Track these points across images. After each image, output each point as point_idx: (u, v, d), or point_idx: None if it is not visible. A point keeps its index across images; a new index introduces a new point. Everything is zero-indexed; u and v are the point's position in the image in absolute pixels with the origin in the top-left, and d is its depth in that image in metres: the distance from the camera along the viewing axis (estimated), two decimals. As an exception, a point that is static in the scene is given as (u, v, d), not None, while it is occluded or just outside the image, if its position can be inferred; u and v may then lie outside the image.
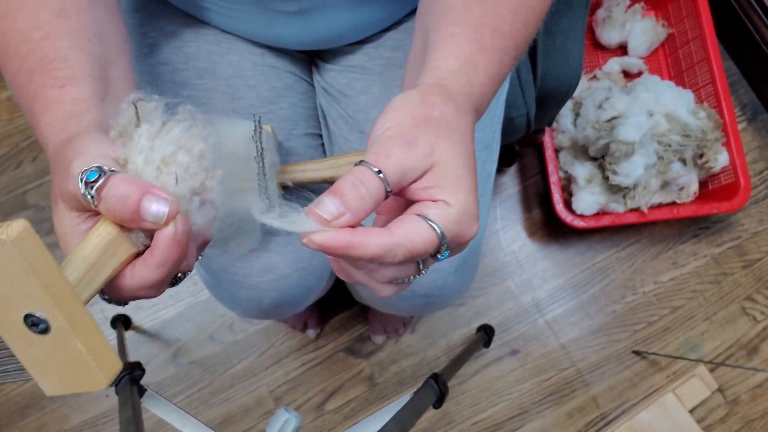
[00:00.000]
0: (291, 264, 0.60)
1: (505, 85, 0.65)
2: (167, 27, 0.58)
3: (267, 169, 0.52)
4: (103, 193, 0.31)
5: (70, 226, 0.33)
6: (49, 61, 0.37)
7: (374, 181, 0.31)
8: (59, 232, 0.33)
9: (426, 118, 0.33)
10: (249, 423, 1.17)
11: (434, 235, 0.31)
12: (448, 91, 0.35)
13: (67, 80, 0.37)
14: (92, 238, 0.31)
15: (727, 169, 1.16)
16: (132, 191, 0.30)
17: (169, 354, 1.19)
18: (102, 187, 0.30)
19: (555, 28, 0.75)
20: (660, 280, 1.26)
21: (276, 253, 0.59)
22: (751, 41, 1.27)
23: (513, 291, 1.24)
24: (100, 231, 0.32)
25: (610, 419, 1.19)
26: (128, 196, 0.30)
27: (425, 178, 0.32)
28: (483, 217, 0.62)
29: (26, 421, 1.17)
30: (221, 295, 0.67)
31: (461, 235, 0.32)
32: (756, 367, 1.22)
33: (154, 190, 0.31)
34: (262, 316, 0.67)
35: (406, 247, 0.30)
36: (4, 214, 1.23)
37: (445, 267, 0.60)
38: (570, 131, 1.17)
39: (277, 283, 0.60)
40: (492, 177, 0.64)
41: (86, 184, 0.30)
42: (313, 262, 0.63)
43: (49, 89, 0.36)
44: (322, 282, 0.67)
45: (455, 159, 0.33)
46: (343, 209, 0.30)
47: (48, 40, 0.38)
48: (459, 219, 0.32)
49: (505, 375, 1.21)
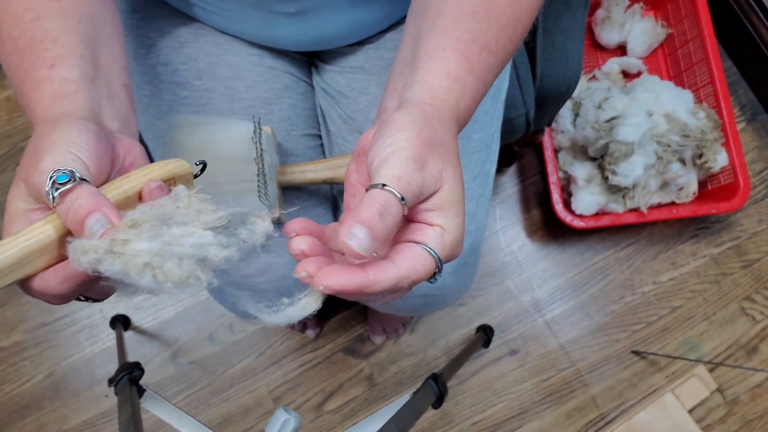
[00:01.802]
0: (290, 265, 0.60)
1: (504, 85, 0.65)
2: (165, 28, 0.58)
3: (267, 170, 0.52)
4: (66, 198, 0.30)
5: (21, 209, 0.33)
6: (38, 42, 0.37)
7: (399, 209, 0.31)
8: (10, 207, 0.34)
9: (432, 142, 0.33)
10: (248, 423, 1.17)
11: (434, 263, 0.32)
12: (441, 114, 0.35)
13: (56, 60, 0.37)
14: (31, 234, 0.31)
15: (726, 170, 1.16)
16: (88, 204, 0.30)
17: (168, 354, 1.19)
18: (67, 193, 0.30)
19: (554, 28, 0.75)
20: (659, 280, 1.26)
21: (275, 255, 0.59)
22: (750, 41, 1.28)
23: (512, 291, 1.24)
24: (42, 230, 0.32)
25: (610, 419, 1.19)
26: (82, 207, 0.30)
27: (429, 201, 0.33)
28: (482, 218, 0.62)
29: (26, 422, 1.17)
30: (220, 296, 0.67)
31: (450, 258, 0.34)
32: (755, 367, 1.22)
33: (105, 209, 0.30)
34: None
35: (412, 279, 0.31)
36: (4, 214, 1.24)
37: (444, 268, 0.60)
38: (569, 131, 1.17)
39: (275, 284, 0.60)
40: (491, 177, 0.64)
41: (53, 183, 0.30)
42: None
43: (39, 69, 0.36)
44: None
45: (457, 185, 0.34)
46: (372, 242, 0.29)
47: (38, 21, 0.38)
48: (453, 244, 0.33)
49: (505, 375, 1.21)
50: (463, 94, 0.37)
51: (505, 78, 0.65)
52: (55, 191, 0.30)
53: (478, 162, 0.61)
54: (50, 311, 1.20)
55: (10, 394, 1.18)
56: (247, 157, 0.51)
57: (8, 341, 1.19)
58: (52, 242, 0.32)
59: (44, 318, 1.20)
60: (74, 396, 1.18)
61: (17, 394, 1.18)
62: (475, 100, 0.38)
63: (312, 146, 0.63)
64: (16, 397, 1.18)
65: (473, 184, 0.61)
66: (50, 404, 1.17)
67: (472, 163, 0.61)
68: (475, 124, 0.61)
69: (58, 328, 1.20)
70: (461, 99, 0.37)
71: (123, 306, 1.20)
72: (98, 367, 1.19)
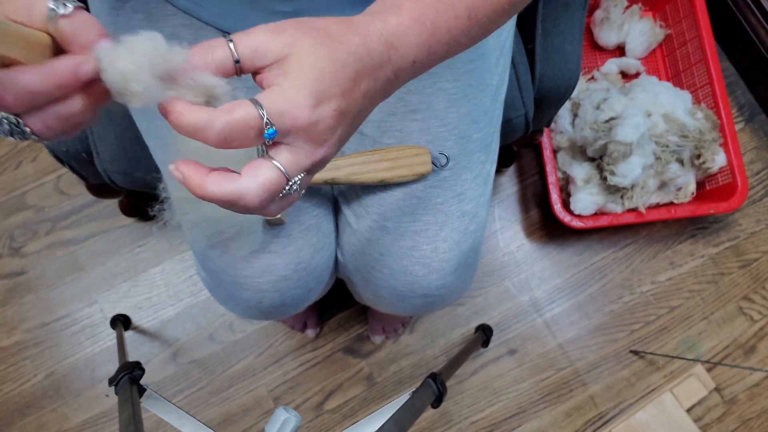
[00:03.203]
0: (290, 265, 0.60)
1: (503, 86, 0.66)
2: (166, 29, 0.58)
3: None
4: (68, 21, 0.30)
5: None
6: None
7: (224, 50, 0.32)
8: None
9: (305, 23, 0.33)
10: (248, 422, 1.17)
11: (256, 114, 0.31)
12: (352, 20, 0.35)
13: None
14: (29, 29, 0.30)
15: (724, 170, 1.16)
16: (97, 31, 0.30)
17: (168, 354, 1.19)
18: (68, 17, 0.30)
19: (553, 29, 0.75)
20: (657, 279, 1.26)
21: (276, 255, 0.59)
22: (749, 42, 1.28)
23: (511, 291, 1.25)
24: (37, 33, 0.30)
25: (608, 418, 1.20)
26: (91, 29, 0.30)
27: (276, 65, 0.32)
28: (482, 217, 0.63)
29: (26, 421, 1.17)
30: (221, 296, 0.67)
31: (285, 122, 0.32)
32: (753, 367, 1.22)
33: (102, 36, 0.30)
34: (262, 317, 0.67)
35: (224, 119, 0.31)
36: (4, 215, 1.24)
37: (444, 267, 0.60)
38: (568, 132, 1.17)
39: (276, 284, 0.60)
40: (491, 178, 0.64)
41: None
42: (313, 263, 0.63)
43: None
44: (321, 283, 0.68)
45: (312, 56, 0.32)
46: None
47: None
48: (286, 102, 0.31)
49: (504, 374, 1.21)
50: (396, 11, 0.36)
51: (505, 78, 0.66)
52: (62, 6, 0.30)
53: (477, 162, 0.61)
54: (50, 311, 1.21)
55: (10, 393, 1.18)
56: (249, 157, 0.52)
57: (9, 341, 1.19)
58: (44, 40, 0.31)
59: (44, 318, 1.20)
60: (75, 395, 1.18)
61: (18, 393, 1.18)
62: (418, 21, 0.37)
63: None
64: (17, 396, 1.18)
65: (473, 183, 0.61)
66: (51, 404, 1.18)
67: (472, 162, 0.61)
68: (474, 124, 0.61)
69: (59, 327, 1.20)
70: (390, 15, 0.36)
71: (124, 306, 1.21)
72: (99, 367, 1.19)
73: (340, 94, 0.33)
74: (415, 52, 0.37)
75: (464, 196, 0.60)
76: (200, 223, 0.52)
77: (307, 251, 0.61)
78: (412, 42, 0.36)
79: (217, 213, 0.51)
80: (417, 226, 0.59)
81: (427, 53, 0.38)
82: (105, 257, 1.22)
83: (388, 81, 0.37)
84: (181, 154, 0.46)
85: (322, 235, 0.63)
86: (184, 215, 0.51)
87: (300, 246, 0.60)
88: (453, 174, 0.59)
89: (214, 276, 0.64)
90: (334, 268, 0.70)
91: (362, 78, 0.34)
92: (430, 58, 0.38)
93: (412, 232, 0.59)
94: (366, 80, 0.35)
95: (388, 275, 0.62)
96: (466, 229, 0.60)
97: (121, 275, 1.22)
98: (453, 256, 0.60)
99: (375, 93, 0.36)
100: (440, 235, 0.59)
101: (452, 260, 0.60)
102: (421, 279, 0.60)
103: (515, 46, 0.77)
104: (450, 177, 0.59)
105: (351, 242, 0.64)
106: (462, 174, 0.60)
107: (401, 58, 0.36)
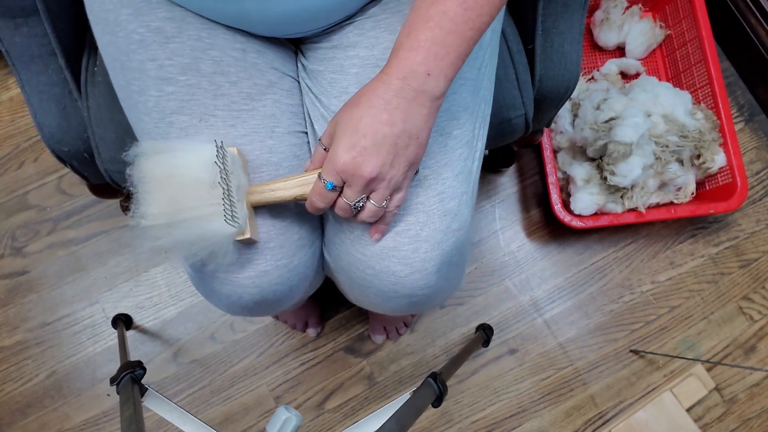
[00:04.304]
0: (270, 261, 0.60)
1: (483, 80, 0.64)
2: (153, 23, 0.58)
3: (234, 192, 0.52)
4: None
5: None
6: None
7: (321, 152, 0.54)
8: None
9: (344, 105, 0.51)
10: (249, 422, 1.18)
11: (318, 181, 0.51)
12: (368, 84, 0.50)
13: None
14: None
15: (724, 170, 1.16)
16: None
17: (170, 353, 1.20)
18: None
19: (553, 29, 0.76)
20: (657, 279, 1.27)
21: (255, 250, 0.59)
22: (748, 42, 1.28)
23: (511, 291, 1.25)
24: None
25: (608, 418, 1.20)
26: None
27: (330, 133, 0.52)
28: (466, 216, 0.61)
29: (27, 420, 1.17)
30: (205, 291, 0.66)
31: (335, 167, 0.49)
32: (753, 366, 1.22)
33: None
34: (245, 313, 0.67)
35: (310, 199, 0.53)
36: (6, 215, 1.24)
37: (427, 267, 0.59)
38: (568, 132, 1.18)
39: (256, 280, 0.60)
40: (473, 174, 0.63)
41: None
42: (294, 260, 0.62)
43: None
44: (305, 281, 0.67)
45: (344, 118, 0.50)
46: None
47: None
48: (331, 159, 0.49)
49: (504, 374, 1.21)
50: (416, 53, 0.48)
51: (486, 73, 0.64)
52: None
53: (459, 159, 0.60)
54: (52, 310, 1.21)
55: (12, 393, 1.18)
56: (212, 181, 0.52)
57: (10, 340, 1.20)
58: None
59: (46, 317, 1.21)
60: (76, 395, 1.18)
61: (19, 393, 1.18)
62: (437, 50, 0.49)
63: (296, 144, 0.62)
64: (18, 396, 1.18)
65: (455, 182, 0.59)
66: (52, 403, 1.18)
67: (453, 160, 0.59)
68: (454, 120, 0.60)
69: (60, 327, 1.20)
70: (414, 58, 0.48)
71: (125, 305, 1.21)
72: (100, 366, 1.19)
73: (368, 134, 0.49)
74: (424, 67, 0.49)
75: (445, 194, 0.59)
76: (173, 248, 0.52)
77: (289, 248, 0.61)
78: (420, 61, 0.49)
79: (190, 236, 0.51)
80: (398, 227, 0.58)
81: (433, 58, 0.49)
82: (106, 257, 1.23)
83: (415, 95, 0.49)
84: (149, 182, 0.55)
85: (304, 231, 0.63)
86: (155, 241, 0.52)
87: (281, 242, 0.60)
88: (433, 173, 0.58)
89: (197, 271, 0.64)
90: (321, 267, 0.70)
91: (381, 113, 0.48)
92: (438, 59, 0.50)
93: (393, 232, 0.58)
94: (386, 113, 0.48)
95: (372, 276, 0.61)
96: (448, 228, 0.59)
97: (123, 275, 1.22)
98: (435, 255, 0.59)
99: (406, 112, 0.49)
100: (421, 235, 0.58)
101: (434, 260, 0.59)
102: (404, 279, 0.59)
103: (515, 46, 0.77)
104: (430, 176, 0.58)
105: (334, 242, 0.64)
106: (443, 172, 0.59)
107: (415, 78, 0.49)
